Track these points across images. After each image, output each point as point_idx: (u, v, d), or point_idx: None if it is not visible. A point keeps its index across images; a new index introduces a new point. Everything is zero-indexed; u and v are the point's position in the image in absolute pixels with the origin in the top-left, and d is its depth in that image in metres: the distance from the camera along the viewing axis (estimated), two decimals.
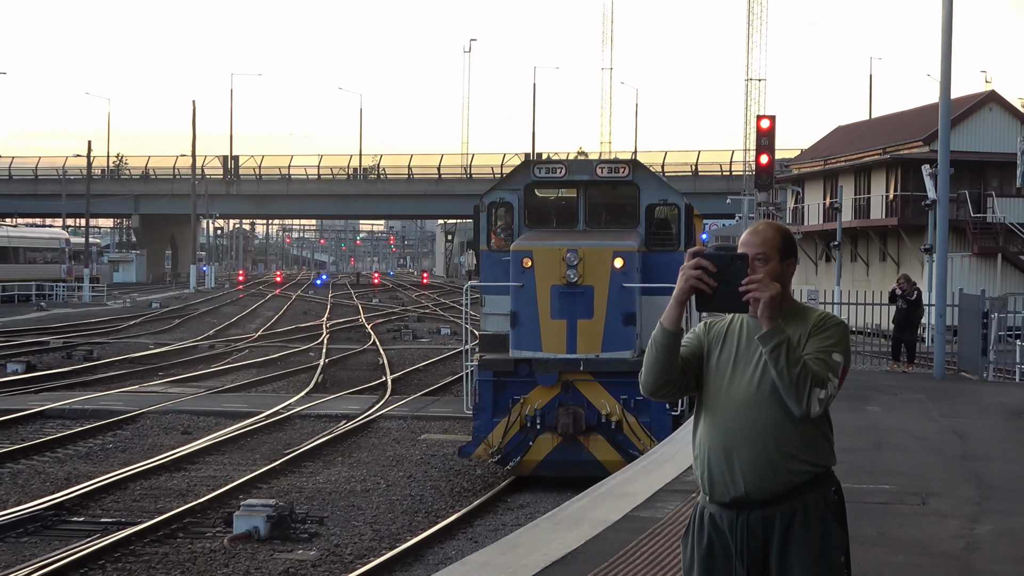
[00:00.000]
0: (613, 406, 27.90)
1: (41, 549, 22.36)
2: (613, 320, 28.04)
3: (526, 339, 28.24)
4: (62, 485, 27.69)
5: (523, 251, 28.22)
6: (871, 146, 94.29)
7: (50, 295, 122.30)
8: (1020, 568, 15.07)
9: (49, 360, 57.29)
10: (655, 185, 30.84)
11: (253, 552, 22.10)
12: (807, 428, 7.33)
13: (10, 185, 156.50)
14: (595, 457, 27.57)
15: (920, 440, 26.06)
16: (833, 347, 7.30)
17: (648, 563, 14.82)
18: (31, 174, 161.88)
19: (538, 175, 30.33)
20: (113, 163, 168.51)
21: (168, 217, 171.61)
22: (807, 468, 7.37)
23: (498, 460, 28.06)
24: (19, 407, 38.94)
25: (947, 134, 44.06)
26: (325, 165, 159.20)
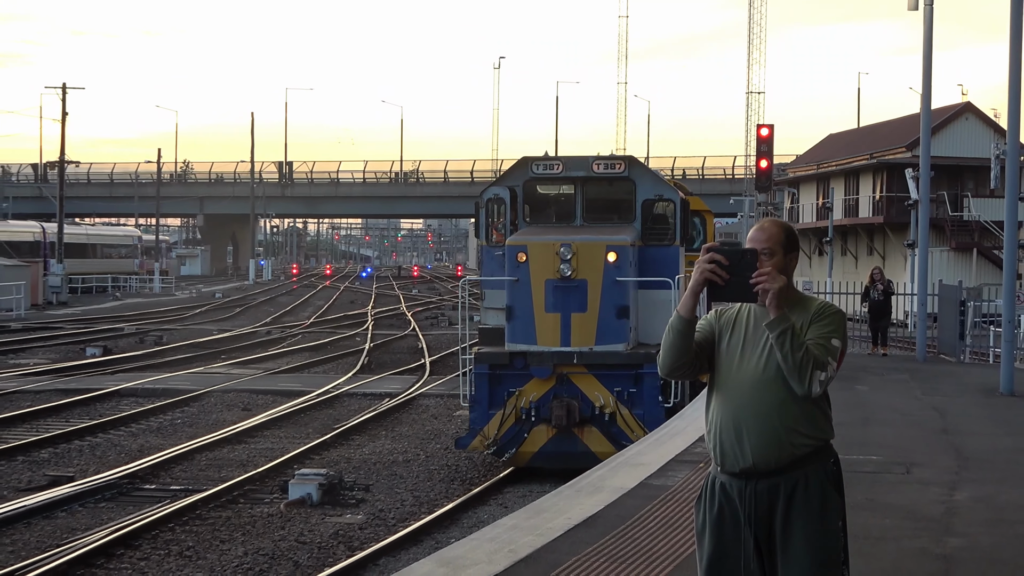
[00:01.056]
0: (607, 398, 26.05)
1: (117, 513, 22.40)
2: (606, 313, 26.27)
3: (521, 332, 26.49)
4: (135, 456, 27.74)
5: (518, 246, 26.50)
6: (859, 152, 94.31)
7: (124, 286, 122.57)
8: (994, 530, 15.03)
9: (124, 344, 57.39)
10: (651, 181, 29.10)
11: (306, 516, 22.12)
12: (808, 406, 7.35)
13: (88, 188, 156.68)
14: (589, 448, 25.57)
15: (904, 416, 26.01)
16: (832, 333, 7.33)
17: (661, 526, 14.81)
18: (107, 178, 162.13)
19: (536, 171, 28.51)
20: (180, 168, 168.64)
21: (229, 216, 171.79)
22: (808, 442, 7.38)
23: (494, 452, 26.27)
24: (97, 387, 39.01)
25: (928, 141, 44.07)
26: (370, 170, 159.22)
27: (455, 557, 13.32)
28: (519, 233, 27.58)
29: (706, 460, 19.62)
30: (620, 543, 13.90)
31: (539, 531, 14.42)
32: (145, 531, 20.68)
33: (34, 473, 26.02)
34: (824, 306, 7.48)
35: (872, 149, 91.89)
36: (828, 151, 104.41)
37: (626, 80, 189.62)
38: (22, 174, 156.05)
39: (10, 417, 33.02)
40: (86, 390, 38.19)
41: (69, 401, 36.02)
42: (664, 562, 13.04)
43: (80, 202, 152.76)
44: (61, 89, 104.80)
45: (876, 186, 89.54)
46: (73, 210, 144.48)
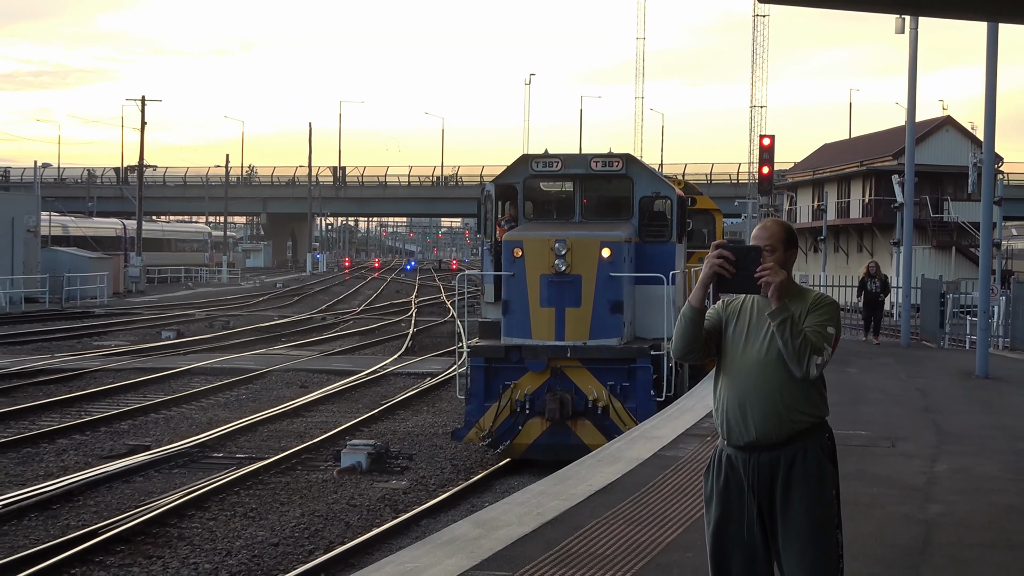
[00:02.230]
0: (600, 391, 24.04)
1: (188, 478, 22.46)
2: (600, 308, 24.29)
3: (517, 326, 24.58)
4: (205, 428, 27.79)
5: (514, 241, 24.63)
6: (851, 160, 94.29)
7: (195, 277, 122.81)
8: (970, 498, 15.00)
9: (195, 328, 57.50)
10: (648, 178, 27.01)
11: (356, 482, 22.14)
12: (806, 386, 7.39)
13: (164, 190, 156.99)
14: (582, 441, 23.36)
15: (890, 396, 25.95)
16: (827, 322, 7.36)
17: (673, 492, 14.80)
18: (181, 181, 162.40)
19: (535, 169, 26.54)
20: (246, 172, 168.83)
21: (289, 215, 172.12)
22: (806, 419, 7.41)
23: (489, 443, 24.26)
24: (171, 366, 39.10)
25: (912, 150, 44.02)
26: (414, 174, 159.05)
27: (489, 519, 13.33)
28: (517, 229, 25.85)
29: (713, 434, 19.58)
30: (636, 507, 13.89)
31: (564, 496, 14.43)
32: (213, 494, 20.74)
33: (115, 442, 26.10)
34: (820, 297, 7.52)
35: (862, 157, 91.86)
36: (823, 159, 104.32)
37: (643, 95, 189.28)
38: (105, 177, 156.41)
39: (94, 392, 33.13)
40: (161, 369, 38.29)
41: (146, 379, 36.11)
42: (675, 525, 13.03)
43: (156, 202, 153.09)
44: (140, 102, 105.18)
45: (865, 190, 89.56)
46: (150, 209, 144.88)
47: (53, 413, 29.96)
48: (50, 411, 30.20)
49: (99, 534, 17.85)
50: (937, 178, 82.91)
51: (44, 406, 30.62)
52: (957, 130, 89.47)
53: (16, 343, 48.01)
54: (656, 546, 12.08)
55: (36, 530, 18.68)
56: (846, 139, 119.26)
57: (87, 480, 21.73)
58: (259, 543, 17.86)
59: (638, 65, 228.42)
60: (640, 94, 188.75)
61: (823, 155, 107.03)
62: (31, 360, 40.80)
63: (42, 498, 20.26)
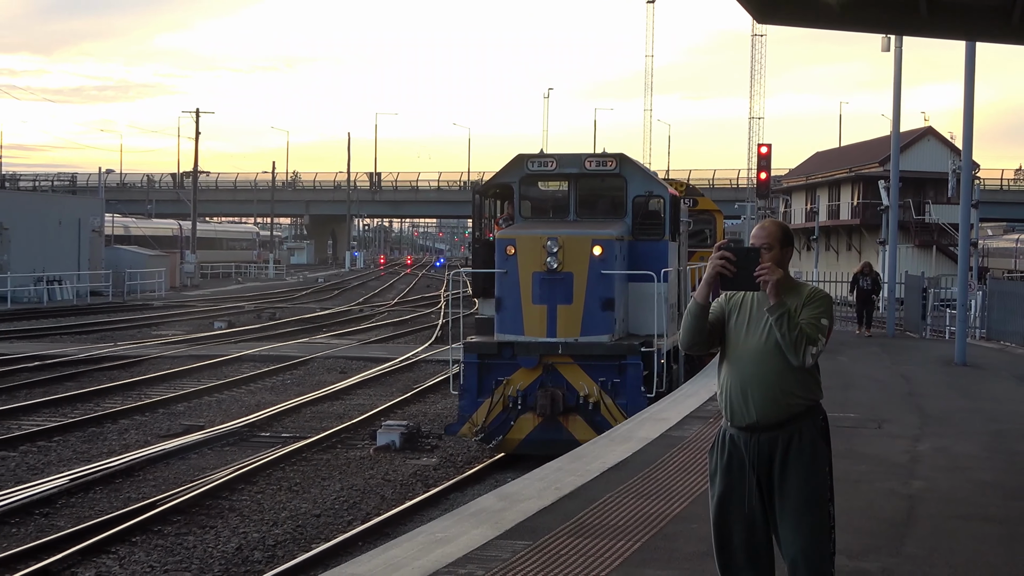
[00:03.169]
0: (591, 388, 22.35)
1: (238, 455, 22.50)
2: (592, 305, 22.64)
3: (509, 323, 22.82)
4: (254, 409, 27.83)
5: (506, 239, 22.99)
6: (840, 166, 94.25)
7: (244, 272, 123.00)
8: (950, 475, 14.98)
9: (244, 319, 57.63)
10: (641, 178, 25.06)
11: (391, 459, 22.17)
12: (802, 372, 7.43)
13: (216, 193, 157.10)
14: (574, 436, 21.61)
15: (877, 382, 25.91)
16: (821, 314, 7.40)
17: (679, 469, 14.78)
18: (231, 185, 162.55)
19: (531, 168, 24.70)
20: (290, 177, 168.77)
21: (330, 216, 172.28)
22: (802, 402, 7.45)
23: (481, 438, 22.56)
24: (223, 353, 39.17)
25: (897, 158, 44.01)
26: (443, 179, 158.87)
27: (512, 493, 13.33)
28: (510, 227, 24.29)
29: (716, 416, 19.58)
30: (645, 482, 13.89)
31: (579, 473, 14.43)
32: (261, 470, 20.79)
33: (172, 423, 26.15)
34: (814, 291, 7.57)
35: (851, 164, 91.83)
36: (815, 166, 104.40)
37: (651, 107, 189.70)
38: (163, 182, 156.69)
39: (153, 377, 33.21)
40: (214, 356, 38.36)
41: (200, 365, 36.18)
42: (681, 498, 13.02)
43: (209, 204, 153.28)
44: (195, 113, 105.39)
45: (854, 194, 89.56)
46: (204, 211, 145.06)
47: (116, 396, 30.05)
48: (113, 394, 30.30)
49: (157, 506, 17.90)
50: (919, 183, 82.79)
51: (108, 390, 30.71)
52: (938, 139, 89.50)
53: (82, 332, 48.16)
54: (664, 518, 12.08)
55: (100, 502, 18.74)
56: (836, 148, 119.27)
57: (147, 457, 21.79)
58: (302, 514, 17.90)
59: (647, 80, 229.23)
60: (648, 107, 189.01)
61: (815, 162, 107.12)
62: (96, 348, 40.91)
63: (106, 473, 20.32)
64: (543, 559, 10.45)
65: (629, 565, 10.28)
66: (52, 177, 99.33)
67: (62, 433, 24.52)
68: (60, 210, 79.48)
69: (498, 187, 25.50)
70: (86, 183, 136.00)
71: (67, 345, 41.94)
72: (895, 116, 44.13)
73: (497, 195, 25.97)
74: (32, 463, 21.72)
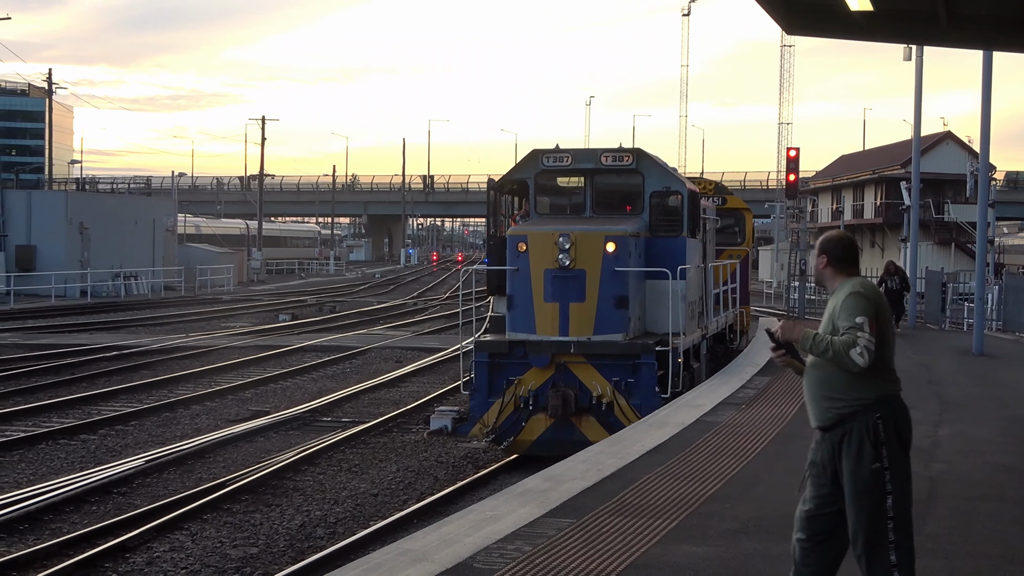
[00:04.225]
0: (605, 387, 20.49)
1: (301, 439, 22.55)
2: (605, 303, 20.73)
3: (521, 321, 21.12)
4: (315, 396, 27.90)
5: (518, 236, 21.20)
6: (864, 169, 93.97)
7: (307, 268, 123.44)
8: (968, 458, 14.92)
9: (307, 312, 57.76)
10: (658, 173, 22.96)
11: (443, 442, 22.16)
12: (848, 376, 7.47)
13: (280, 195, 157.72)
14: (586, 438, 19.66)
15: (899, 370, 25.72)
16: (852, 315, 7.42)
17: (713, 453, 14.75)
18: (295, 188, 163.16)
19: (546, 164, 22.83)
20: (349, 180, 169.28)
21: (386, 216, 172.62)
22: (848, 406, 7.49)
23: (492, 439, 20.90)
24: (287, 344, 39.29)
25: (918, 160, 43.84)
26: None
27: (556, 474, 13.33)
28: (522, 224, 22.60)
29: (748, 403, 19.54)
30: (681, 465, 13.86)
31: (620, 455, 14.42)
32: (323, 452, 20.84)
33: (240, 408, 26.25)
34: (845, 297, 7.56)
35: (874, 166, 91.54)
36: (840, 168, 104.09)
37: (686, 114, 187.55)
38: (231, 184, 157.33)
39: (222, 366, 33.34)
40: (278, 346, 38.47)
41: (266, 354, 36.29)
42: (715, 480, 12.99)
43: (274, 205, 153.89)
44: (261, 121, 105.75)
45: (877, 195, 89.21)
46: (269, 211, 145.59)
47: (188, 383, 30.18)
48: (185, 382, 30.44)
49: (227, 485, 17.97)
50: (939, 184, 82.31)
51: (180, 378, 30.85)
52: (956, 143, 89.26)
53: (157, 324, 48.42)
54: (699, 498, 12.05)
55: (174, 482, 18.84)
56: (860, 151, 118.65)
57: (216, 440, 21.88)
58: (361, 494, 17.93)
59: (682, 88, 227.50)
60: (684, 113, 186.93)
61: (841, 165, 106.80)
62: (169, 339, 41.11)
63: (179, 455, 20.43)
64: (586, 536, 10.45)
65: (666, 542, 10.27)
66: (128, 180, 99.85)
67: (138, 418, 24.66)
68: (136, 211, 79.97)
69: (514, 183, 23.65)
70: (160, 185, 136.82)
71: (143, 336, 42.18)
72: (916, 121, 43.96)
73: (514, 191, 24.18)
74: (111, 446, 21.86)
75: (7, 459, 20.44)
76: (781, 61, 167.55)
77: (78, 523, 16.22)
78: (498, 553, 9.84)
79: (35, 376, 30.94)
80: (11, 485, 18.46)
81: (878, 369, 7.47)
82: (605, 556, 9.77)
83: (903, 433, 7.52)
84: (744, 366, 25.50)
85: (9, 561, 13.92)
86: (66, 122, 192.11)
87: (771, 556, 9.87)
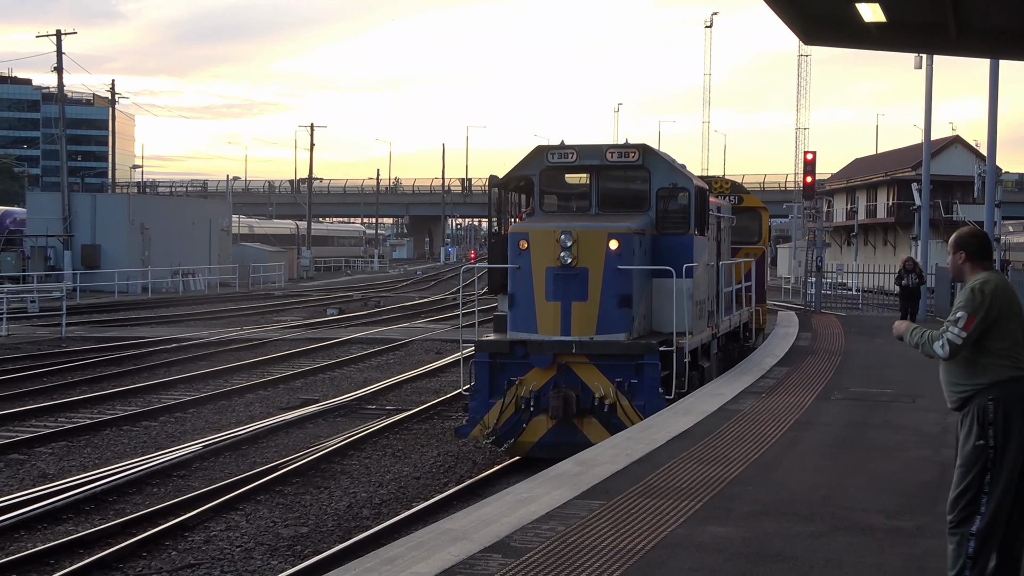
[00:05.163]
0: (607, 388, 18.55)
1: (348, 425, 22.61)
2: (607, 302, 18.87)
3: (522, 321, 19.16)
4: (361, 385, 27.96)
5: (519, 233, 19.34)
6: (877, 171, 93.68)
7: (353, 266, 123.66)
8: None
9: (353, 306, 57.86)
10: (665, 169, 20.85)
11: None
12: (965, 363, 7.74)
13: (327, 197, 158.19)
14: (588, 440, 17.62)
15: (910, 360, 25.59)
16: (956, 309, 7.73)
17: (735, 438, 14.71)
18: (341, 190, 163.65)
19: (551, 160, 20.77)
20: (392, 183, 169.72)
21: (427, 217, 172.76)
22: (966, 389, 7.74)
23: (492, 441, 18.98)
24: (335, 336, 39.38)
25: (928, 163, 43.62)
26: None
27: (588, 459, 13.33)
28: (525, 221, 20.84)
29: (768, 392, 19.47)
30: (705, 450, 13.83)
31: (647, 441, 14.39)
32: (368, 438, 20.89)
33: (291, 397, 26.33)
34: (962, 290, 7.87)
35: (887, 169, 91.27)
36: (855, 170, 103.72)
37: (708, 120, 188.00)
38: (282, 187, 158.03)
39: (274, 358, 33.44)
40: (327, 339, 38.56)
41: (315, 346, 36.39)
42: (737, 464, 12.95)
43: (322, 207, 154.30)
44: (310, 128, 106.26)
45: (889, 196, 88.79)
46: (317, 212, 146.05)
47: (242, 373, 30.29)
48: (240, 372, 30.54)
49: (279, 469, 18.04)
50: (948, 186, 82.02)
51: (235, 368, 30.97)
52: (964, 147, 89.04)
53: (213, 318, 48.61)
54: (722, 481, 12.02)
55: (229, 465, 18.92)
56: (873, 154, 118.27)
57: (269, 426, 21.96)
58: (404, 476, 17.96)
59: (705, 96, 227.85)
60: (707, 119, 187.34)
61: (855, 167, 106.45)
62: (224, 331, 41.27)
63: (234, 440, 20.51)
64: (616, 516, 10.44)
65: (692, 522, 10.25)
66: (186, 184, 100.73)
67: (196, 406, 24.77)
68: (193, 212, 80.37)
69: (520, 180, 21.49)
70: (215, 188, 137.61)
71: (200, 329, 42.34)
72: (926, 126, 43.74)
73: (520, 189, 22.01)
74: (170, 432, 21.97)
75: (75, 444, 20.59)
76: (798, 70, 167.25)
77: (140, 504, 16.32)
78: (533, 532, 9.84)
79: (100, 367, 31.11)
80: (78, 468, 18.60)
81: (994, 356, 7.67)
82: (634, 535, 9.76)
83: (1012, 415, 7.63)
84: (764, 357, 25.43)
85: (77, 539, 14.02)
86: (128, 130, 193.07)
87: (790, 536, 9.84)
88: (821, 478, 12.28)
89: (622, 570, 8.70)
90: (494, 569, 8.68)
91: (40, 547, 13.67)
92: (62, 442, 20.70)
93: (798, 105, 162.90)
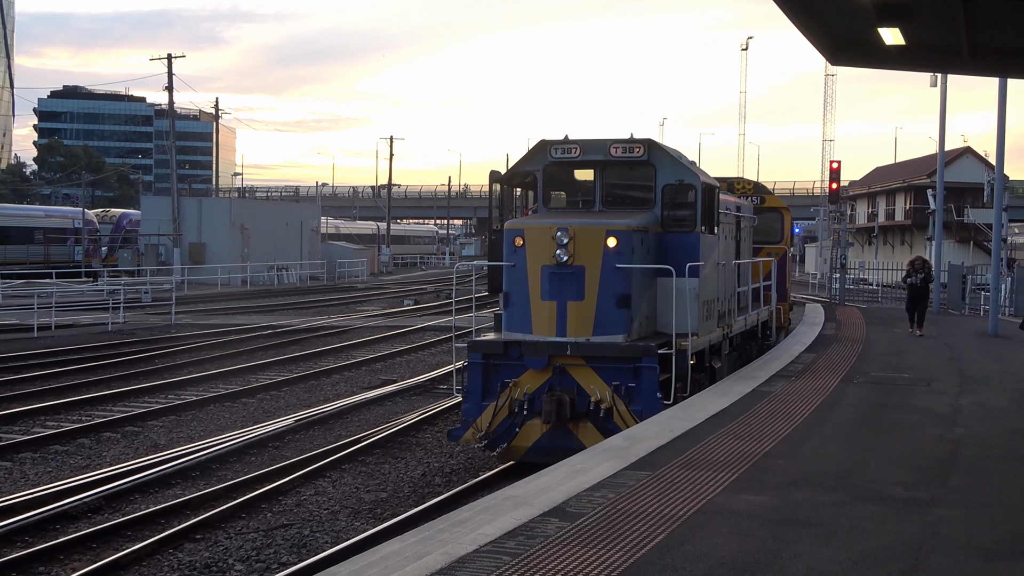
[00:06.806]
0: (604, 392, 15.83)
1: (422, 403, 22.58)
2: (605, 302, 16.14)
3: (517, 320, 16.48)
4: (434, 368, 28.01)
5: (515, 230, 16.57)
6: (896, 178, 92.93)
7: (427, 262, 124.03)
8: (986, 424, 14.63)
9: (426, 298, 58.01)
10: (672, 165, 17.78)
11: None
12: None
13: (404, 201, 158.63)
14: (584, 445, 14.70)
15: (925, 348, 25.37)
16: None
17: (767, 417, 14.60)
18: (416, 195, 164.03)
19: (554, 155, 17.91)
20: (462, 189, 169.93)
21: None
22: None
23: (485, 445, 16.23)
24: (411, 324, 39.50)
25: (942, 171, 43.18)
26: None
27: (635, 434, 13.28)
28: (522, 217, 18.27)
29: (798, 375, 19.32)
30: (740, 426, 13.74)
31: (688, 419, 14.32)
32: (441, 414, 20.91)
33: (371, 377, 26.43)
34: None
35: (904, 177, 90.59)
36: (875, 178, 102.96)
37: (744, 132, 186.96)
38: (364, 192, 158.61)
39: (357, 343, 33.59)
40: (404, 326, 38.69)
41: (393, 333, 36.52)
42: (770, 440, 12.86)
43: (399, 210, 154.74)
44: (390, 140, 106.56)
45: (907, 200, 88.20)
46: (396, 215, 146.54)
47: (329, 357, 30.44)
48: (327, 355, 30.70)
49: (361, 441, 18.11)
50: (960, 192, 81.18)
51: (323, 352, 31.13)
52: (975, 157, 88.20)
53: (303, 308, 48.90)
54: (756, 455, 11.94)
55: (318, 438, 19.01)
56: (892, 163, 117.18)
57: (353, 404, 22.05)
58: (472, 449, 17.95)
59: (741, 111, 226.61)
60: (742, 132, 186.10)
61: (875, 175, 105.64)
62: (314, 320, 41.50)
63: (322, 416, 20.61)
64: (660, 485, 10.40)
65: (729, 491, 10.19)
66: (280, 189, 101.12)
67: (289, 385, 24.92)
68: (286, 214, 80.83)
69: (524, 175, 18.61)
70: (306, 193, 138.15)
71: (292, 317, 42.61)
72: (940, 138, 43.31)
73: (525, 185, 19.06)
74: (267, 407, 22.12)
75: (183, 418, 20.78)
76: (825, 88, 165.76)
77: (240, 471, 16.44)
78: (587, 499, 9.82)
79: (204, 350, 31.36)
80: (186, 440, 18.77)
81: None
82: (677, 503, 9.71)
83: None
84: (793, 344, 25.22)
85: (183, 502, 14.15)
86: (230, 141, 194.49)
87: (817, 504, 9.76)
88: (845, 453, 12.17)
89: (666, 533, 8.67)
90: (552, 531, 8.67)
91: (153, 508, 13.81)
92: (171, 416, 20.91)
93: (824, 119, 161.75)
